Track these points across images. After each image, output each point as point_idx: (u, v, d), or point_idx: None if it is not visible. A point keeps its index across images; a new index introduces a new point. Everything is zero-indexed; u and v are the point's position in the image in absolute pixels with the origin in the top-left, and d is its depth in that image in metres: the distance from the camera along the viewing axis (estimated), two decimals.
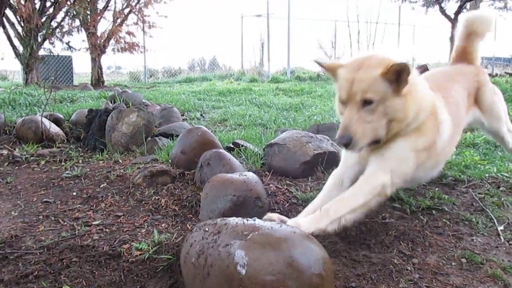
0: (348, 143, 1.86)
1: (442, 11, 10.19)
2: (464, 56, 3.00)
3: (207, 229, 1.70)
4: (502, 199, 2.89)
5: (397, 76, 1.87)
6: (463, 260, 2.09)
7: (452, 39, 9.50)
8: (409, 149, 2.10)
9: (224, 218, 1.77)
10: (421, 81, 2.17)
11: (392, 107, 1.91)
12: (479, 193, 3.01)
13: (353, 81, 1.89)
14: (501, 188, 3.12)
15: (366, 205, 2.00)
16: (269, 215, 1.89)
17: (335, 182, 2.24)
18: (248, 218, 1.73)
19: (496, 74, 15.49)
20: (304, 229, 1.78)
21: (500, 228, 2.47)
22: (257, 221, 1.69)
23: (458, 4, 10.26)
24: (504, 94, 7.54)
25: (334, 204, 1.96)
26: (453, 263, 2.06)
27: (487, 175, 3.38)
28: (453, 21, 9.38)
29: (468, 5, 13.44)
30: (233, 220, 1.71)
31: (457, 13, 9.53)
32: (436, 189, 3.05)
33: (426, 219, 2.56)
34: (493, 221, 2.55)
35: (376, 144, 2.01)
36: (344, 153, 2.30)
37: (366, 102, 1.88)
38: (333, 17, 21.47)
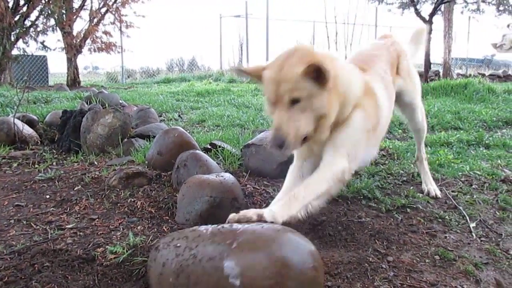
0: (281, 145, 1.82)
1: (417, 13, 10.38)
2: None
3: (178, 244, 1.60)
4: (474, 196, 2.96)
5: (317, 74, 1.83)
6: (437, 257, 2.13)
7: (427, 40, 9.68)
8: (359, 131, 2.11)
9: (194, 227, 1.69)
10: (347, 68, 2.15)
11: (318, 103, 1.88)
12: (452, 191, 3.07)
13: (279, 82, 1.85)
14: (473, 186, 3.20)
15: (329, 192, 2.00)
16: (244, 212, 1.82)
17: (295, 176, 2.21)
18: (222, 225, 1.66)
19: (470, 75, 15.88)
20: (279, 217, 1.79)
21: (472, 225, 2.52)
22: (235, 226, 1.63)
23: (433, 6, 10.46)
24: (477, 94, 7.73)
25: (301, 190, 1.93)
26: (426, 260, 2.10)
27: (460, 173, 3.46)
28: (428, 23, 9.57)
29: (442, 7, 13.71)
30: (205, 229, 1.63)
31: (432, 15, 9.72)
32: (411, 187, 3.10)
33: (401, 217, 2.60)
34: (466, 218, 2.60)
35: (305, 142, 1.96)
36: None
37: (294, 101, 1.85)
38: (311, 18, 21.64)
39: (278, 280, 1.42)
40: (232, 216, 1.80)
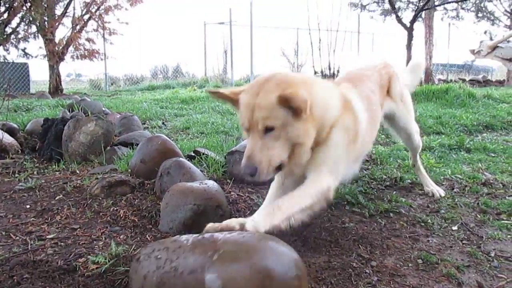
0: (253, 173, 1.80)
1: (399, 20, 10.58)
2: None
3: (159, 256, 1.57)
4: (456, 200, 3.00)
5: (292, 104, 1.80)
6: (419, 260, 2.15)
7: (408, 46, 9.86)
8: (339, 147, 2.10)
9: (175, 237, 1.67)
10: (325, 91, 2.10)
11: (293, 132, 1.86)
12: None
13: (254, 108, 1.84)
14: (455, 190, 3.24)
15: (312, 207, 1.96)
16: (227, 222, 1.79)
17: (277, 189, 2.20)
18: (203, 235, 1.63)
19: (451, 80, 16.17)
20: (261, 227, 1.75)
21: (454, 228, 2.56)
22: (216, 235, 1.60)
23: (414, 13, 10.66)
24: (457, 99, 7.85)
25: (285, 201, 1.91)
26: (409, 264, 2.11)
27: (442, 177, 3.51)
28: (409, 30, 9.74)
29: (423, 14, 13.96)
30: (186, 239, 1.60)
31: (413, 22, 9.91)
32: (394, 192, 3.14)
33: (384, 222, 2.62)
34: (448, 222, 2.64)
35: (280, 170, 1.94)
36: None
37: (268, 129, 1.83)
38: (295, 25, 21.78)
39: None
40: (211, 225, 1.77)
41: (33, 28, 13.75)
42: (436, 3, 13.80)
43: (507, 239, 2.40)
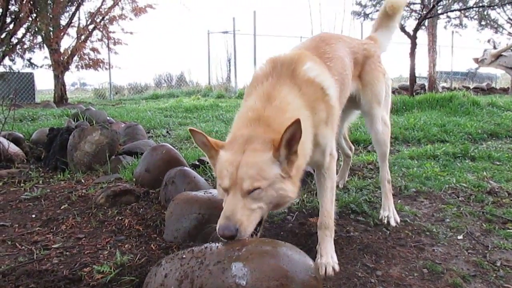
0: (233, 235, 1.64)
1: (402, 28, 10.60)
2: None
3: (184, 256, 1.66)
4: (461, 209, 2.98)
5: (289, 145, 1.72)
6: (425, 270, 2.14)
7: (412, 54, 9.86)
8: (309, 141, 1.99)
9: (203, 245, 1.71)
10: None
11: (280, 193, 1.76)
12: (439, 204, 3.10)
13: (238, 166, 1.70)
14: (460, 198, 3.23)
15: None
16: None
17: None
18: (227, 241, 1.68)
19: (454, 88, 16.16)
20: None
21: (459, 237, 2.54)
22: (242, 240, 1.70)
23: (417, 21, 10.68)
24: (461, 107, 7.82)
25: None
26: (415, 274, 2.10)
27: (446, 186, 3.50)
28: (412, 38, 9.76)
29: (426, 22, 13.99)
30: (214, 244, 1.68)
31: (416, 30, 9.92)
32: (399, 201, 3.12)
33: (389, 231, 2.61)
34: (453, 231, 2.62)
35: None
36: None
37: (253, 189, 1.70)
38: (298, 33, 21.88)
39: (283, 282, 1.50)
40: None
41: (39, 39, 13.83)
42: (439, 12, 13.81)
43: None
